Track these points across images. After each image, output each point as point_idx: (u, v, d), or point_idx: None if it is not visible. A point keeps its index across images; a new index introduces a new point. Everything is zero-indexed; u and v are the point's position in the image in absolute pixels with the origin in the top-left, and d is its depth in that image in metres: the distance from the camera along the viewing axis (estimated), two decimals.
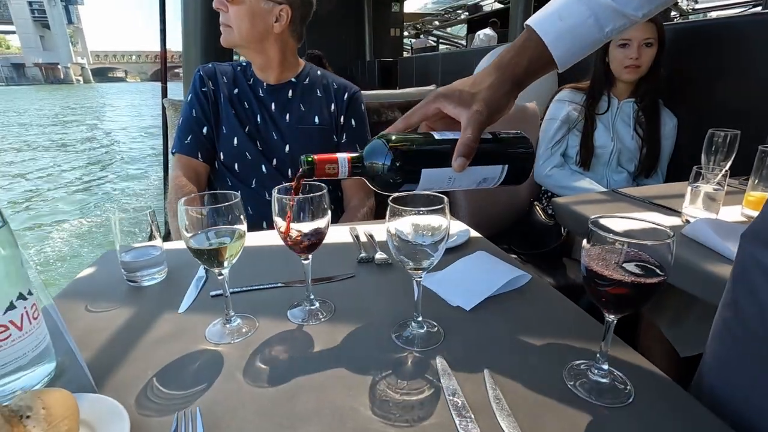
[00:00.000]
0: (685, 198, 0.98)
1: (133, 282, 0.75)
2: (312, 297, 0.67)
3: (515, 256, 1.55)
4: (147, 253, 0.75)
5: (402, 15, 11.62)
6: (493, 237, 0.95)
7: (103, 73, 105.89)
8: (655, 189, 1.25)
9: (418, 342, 0.58)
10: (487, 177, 0.58)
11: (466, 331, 0.61)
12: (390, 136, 0.54)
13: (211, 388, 0.51)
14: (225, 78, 1.25)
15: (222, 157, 1.23)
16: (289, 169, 1.23)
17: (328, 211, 0.60)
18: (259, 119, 1.23)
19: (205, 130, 1.23)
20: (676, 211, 1.02)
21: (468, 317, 0.65)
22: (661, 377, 0.52)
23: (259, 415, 0.47)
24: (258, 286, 0.74)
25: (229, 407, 0.48)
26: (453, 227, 0.85)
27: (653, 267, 0.43)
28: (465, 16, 16.77)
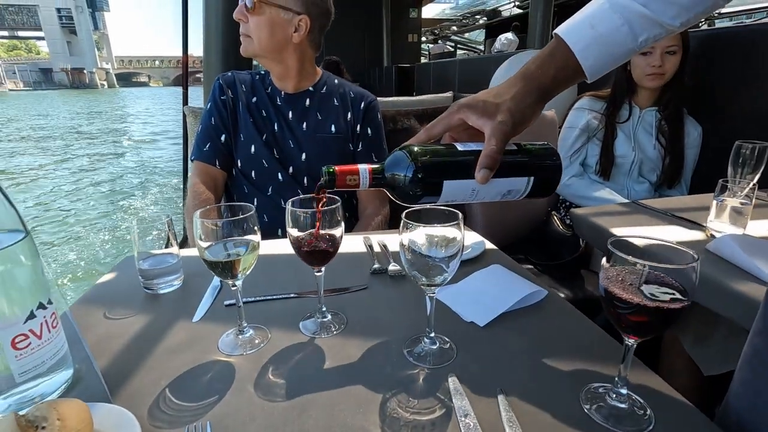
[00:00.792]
0: (710, 211, 0.94)
1: (150, 289, 0.76)
2: (324, 309, 0.67)
3: (531, 267, 1.52)
4: (164, 261, 0.76)
5: (420, 21, 11.67)
6: (508, 246, 0.93)
7: (126, 78, 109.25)
8: (679, 201, 1.21)
9: (430, 359, 0.57)
10: (512, 189, 0.56)
11: (480, 348, 0.60)
12: (412, 147, 0.53)
13: (222, 400, 0.51)
14: (244, 86, 1.27)
15: (239, 164, 1.25)
16: (305, 177, 1.24)
17: (342, 223, 0.60)
18: (276, 127, 1.24)
19: (223, 138, 1.24)
20: (701, 225, 0.98)
21: (482, 334, 0.63)
22: (683, 403, 0.49)
23: (270, 430, 0.47)
24: (271, 296, 0.74)
25: (240, 421, 0.48)
26: (467, 238, 0.84)
27: (676, 291, 0.42)
28: (483, 21, 16.73)
